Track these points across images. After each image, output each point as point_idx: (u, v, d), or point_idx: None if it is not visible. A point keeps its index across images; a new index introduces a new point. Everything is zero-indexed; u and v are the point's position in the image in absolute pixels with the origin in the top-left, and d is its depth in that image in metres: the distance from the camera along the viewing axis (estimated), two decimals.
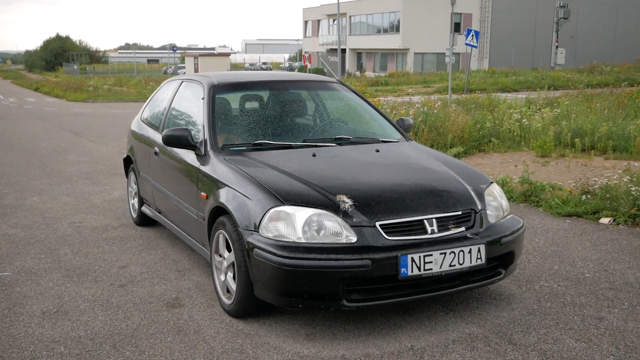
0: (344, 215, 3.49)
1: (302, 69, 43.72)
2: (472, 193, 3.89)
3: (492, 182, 4.15)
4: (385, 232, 3.47)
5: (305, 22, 64.25)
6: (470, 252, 3.56)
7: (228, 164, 4.08)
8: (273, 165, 3.98)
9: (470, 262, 3.57)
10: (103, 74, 58.98)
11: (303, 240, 3.43)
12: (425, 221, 3.58)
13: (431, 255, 3.45)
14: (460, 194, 3.84)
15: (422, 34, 49.45)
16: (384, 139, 4.79)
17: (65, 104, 26.85)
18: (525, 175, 7.32)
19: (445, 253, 3.49)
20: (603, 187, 6.63)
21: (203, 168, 4.30)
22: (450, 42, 24.09)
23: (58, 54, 75.32)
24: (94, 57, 79.62)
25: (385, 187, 3.75)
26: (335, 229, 3.47)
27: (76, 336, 3.66)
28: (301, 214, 3.48)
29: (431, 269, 3.46)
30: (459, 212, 3.71)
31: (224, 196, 3.90)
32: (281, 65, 74.44)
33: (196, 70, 44.25)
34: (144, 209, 5.88)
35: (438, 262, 3.47)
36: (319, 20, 60.82)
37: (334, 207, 3.52)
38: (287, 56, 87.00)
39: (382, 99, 19.50)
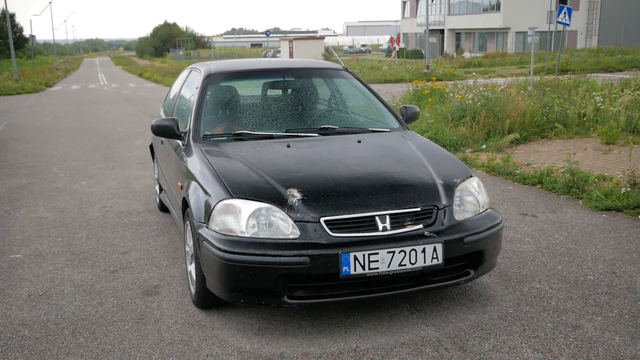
0: (290, 209, 3.40)
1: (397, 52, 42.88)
2: (440, 188, 3.66)
3: (470, 177, 3.88)
4: (330, 229, 3.34)
5: (404, 3, 63.10)
6: (424, 251, 3.36)
7: (200, 155, 4.08)
8: (241, 157, 3.94)
9: (425, 262, 3.37)
10: (206, 59, 61.07)
11: (247, 235, 3.37)
12: (377, 217, 3.41)
13: (377, 253, 3.29)
14: (425, 189, 3.62)
15: (524, 12, 47.10)
16: (375, 129, 4.61)
17: (160, 89, 28.03)
18: (568, 164, 6.82)
19: (393, 252, 3.31)
20: None
21: (183, 158, 4.34)
22: (547, 20, 22.90)
23: (166, 40, 78.87)
24: (199, 43, 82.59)
25: (342, 181, 3.60)
26: (279, 224, 3.38)
27: (45, 320, 3.83)
28: (247, 208, 3.43)
29: (377, 268, 3.30)
30: (418, 209, 3.50)
31: (190, 187, 3.92)
32: (380, 47, 73.72)
33: (291, 54, 44.76)
34: (162, 195, 6.03)
35: (385, 261, 3.30)
36: (417, 0, 59.51)
37: (281, 202, 3.44)
38: (387, 37, 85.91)
39: (464, 82, 18.83)
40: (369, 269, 3.29)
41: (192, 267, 3.96)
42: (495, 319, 3.62)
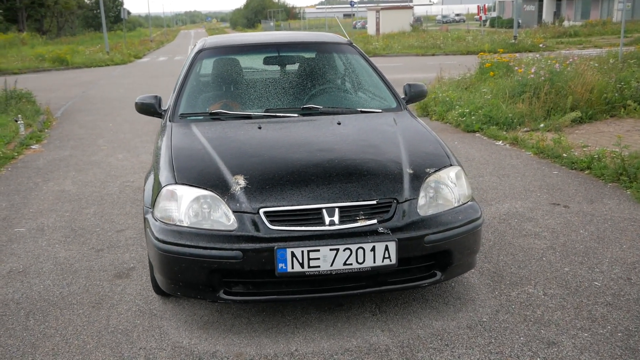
0: (230, 199, 3.13)
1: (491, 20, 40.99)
2: (406, 178, 3.26)
3: (447, 166, 3.43)
4: (270, 221, 3.05)
5: None
6: (373, 249, 3.00)
7: (168, 135, 3.88)
8: (206, 139, 3.69)
9: (374, 262, 3.02)
10: (296, 30, 61.14)
11: (184, 224, 3.15)
12: (324, 210, 3.08)
13: (318, 250, 2.97)
14: (387, 180, 3.23)
15: None
16: (365, 109, 4.22)
17: None
18: (619, 149, 6.11)
19: (337, 249, 2.98)
20: None
21: (159, 137, 4.17)
22: None
23: (258, 12, 79.68)
24: (290, 14, 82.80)
25: (295, 168, 3.28)
26: (216, 215, 3.13)
27: (9, 299, 3.80)
28: (188, 195, 3.19)
29: (318, 267, 2.98)
30: (374, 202, 3.13)
31: (150, 169, 3.74)
32: (475, 17, 70.92)
33: (377, 25, 43.84)
34: None
35: (327, 259, 2.98)
36: None
37: (224, 190, 3.17)
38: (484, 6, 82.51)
39: (549, 53, 17.61)
40: (309, 267, 2.98)
41: None
42: (462, 328, 3.22)
